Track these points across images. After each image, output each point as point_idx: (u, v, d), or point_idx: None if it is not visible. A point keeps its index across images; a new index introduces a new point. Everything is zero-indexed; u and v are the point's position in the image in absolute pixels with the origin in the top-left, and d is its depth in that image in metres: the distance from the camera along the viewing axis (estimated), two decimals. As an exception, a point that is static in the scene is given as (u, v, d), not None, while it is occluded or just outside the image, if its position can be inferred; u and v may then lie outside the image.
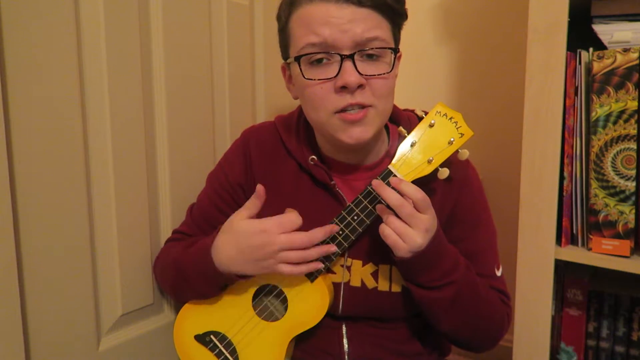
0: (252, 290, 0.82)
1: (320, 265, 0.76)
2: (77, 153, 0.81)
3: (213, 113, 1.06)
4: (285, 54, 0.79)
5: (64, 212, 0.80)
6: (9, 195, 0.71)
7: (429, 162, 0.73)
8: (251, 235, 0.74)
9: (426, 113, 0.75)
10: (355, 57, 0.71)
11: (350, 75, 0.70)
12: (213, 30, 1.04)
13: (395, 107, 0.86)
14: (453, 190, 0.82)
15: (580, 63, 0.85)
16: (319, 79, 0.72)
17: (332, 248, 0.75)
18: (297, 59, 0.74)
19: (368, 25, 0.71)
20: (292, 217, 0.74)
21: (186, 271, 0.82)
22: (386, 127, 0.86)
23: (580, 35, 0.88)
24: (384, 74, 0.73)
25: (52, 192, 0.78)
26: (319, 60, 0.72)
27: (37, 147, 0.75)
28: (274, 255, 0.73)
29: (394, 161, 0.74)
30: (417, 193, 0.70)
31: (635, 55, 0.81)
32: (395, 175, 0.73)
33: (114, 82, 0.85)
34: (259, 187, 0.76)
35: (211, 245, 0.78)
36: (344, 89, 0.71)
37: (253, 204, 0.76)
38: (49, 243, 0.78)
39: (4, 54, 0.70)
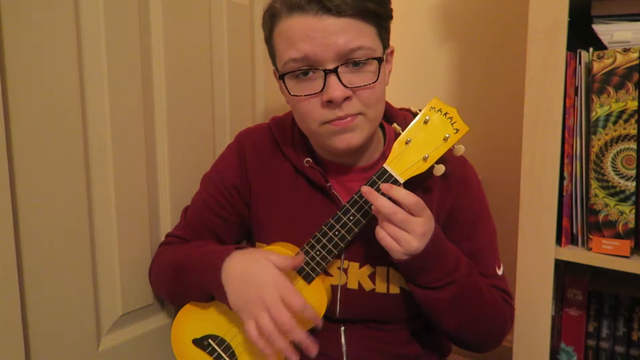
0: None
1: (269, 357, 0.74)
2: (77, 153, 0.81)
3: (213, 113, 1.06)
4: (274, 64, 0.79)
5: (64, 212, 0.80)
6: (9, 195, 0.71)
7: (425, 159, 0.72)
8: (261, 275, 0.73)
9: (421, 110, 0.74)
10: (339, 69, 0.70)
11: (335, 90, 0.69)
12: (213, 30, 1.04)
13: (390, 106, 0.86)
14: (451, 189, 0.81)
15: (580, 63, 0.85)
16: (305, 95, 0.72)
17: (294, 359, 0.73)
18: (282, 77, 0.74)
19: (351, 35, 0.69)
20: (299, 299, 0.72)
21: (187, 267, 0.81)
22: (382, 127, 0.85)
23: (580, 35, 0.88)
24: (369, 83, 0.72)
25: (52, 192, 0.78)
26: (305, 73, 0.72)
27: (37, 146, 0.75)
28: (255, 305, 0.72)
29: (388, 160, 0.73)
30: (410, 198, 0.69)
31: (635, 55, 0.81)
32: (390, 174, 0.73)
33: (114, 82, 0.85)
34: (300, 255, 0.77)
35: (229, 254, 0.77)
36: (330, 103, 0.71)
37: (286, 261, 0.75)
38: (49, 243, 0.78)
39: (4, 53, 0.70)
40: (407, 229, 0.68)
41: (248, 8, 1.13)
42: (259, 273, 0.74)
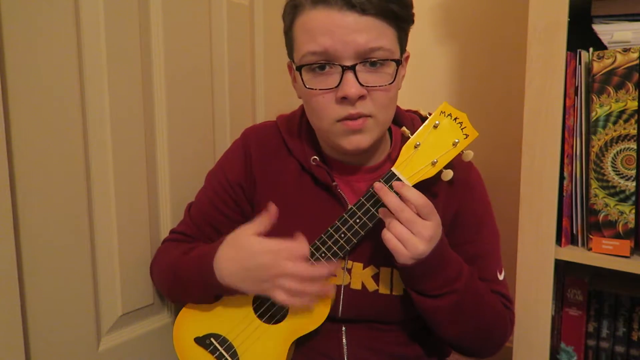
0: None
1: (312, 305, 0.74)
2: (77, 153, 0.81)
3: (213, 113, 1.06)
4: (290, 55, 0.79)
5: (64, 212, 0.80)
6: (9, 195, 0.70)
7: (433, 164, 0.72)
8: (257, 254, 0.73)
9: (430, 113, 0.74)
10: (357, 67, 0.70)
11: (351, 87, 0.69)
12: (213, 30, 1.04)
13: (398, 108, 0.86)
14: (456, 193, 0.81)
15: (580, 63, 0.85)
16: (320, 89, 0.72)
17: (331, 291, 0.73)
18: (299, 68, 0.74)
19: (372, 34, 0.69)
20: (302, 246, 0.72)
21: (184, 278, 0.81)
22: (389, 128, 0.85)
23: (580, 35, 0.88)
24: (385, 85, 0.72)
25: (52, 192, 0.78)
26: (322, 67, 0.72)
27: (37, 146, 0.75)
28: (274, 278, 0.72)
29: (397, 163, 0.73)
30: (420, 199, 0.68)
31: (635, 55, 0.81)
32: (398, 178, 0.72)
33: (114, 82, 0.85)
34: (272, 206, 0.74)
35: (214, 256, 0.77)
36: (344, 99, 0.71)
37: (263, 221, 0.74)
38: (49, 243, 0.78)
39: (4, 54, 0.70)
40: (413, 230, 0.68)
41: (248, 8, 1.13)
42: (252, 254, 0.73)
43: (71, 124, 0.79)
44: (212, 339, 0.83)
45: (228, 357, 0.82)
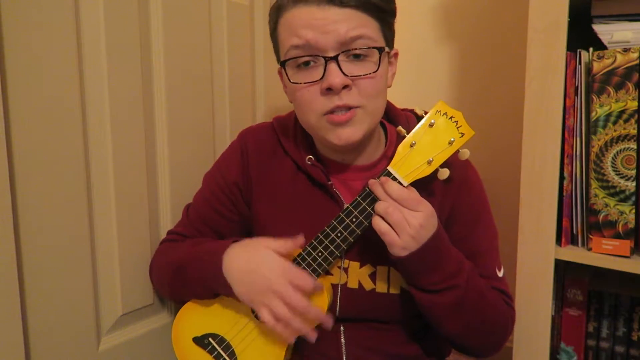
0: None
1: (291, 341, 0.75)
2: (77, 153, 0.81)
3: (213, 113, 1.06)
4: (277, 58, 0.80)
5: (64, 212, 0.80)
6: (9, 195, 0.71)
7: (429, 162, 0.72)
8: (266, 264, 0.74)
9: (426, 112, 0.74)
10: (340, 57, 0.71)
11: (334, 76, 0.70)
12: (213, 30, 1.04)
13: (393, 106, 0.86)
14: (452, 191, 0.81)
15: (580, 63, 0.85)
16: (305, 82, 0.73)
17: (313, 338, 0.73)
18: (283, 63, 0.74)
19: (352, 24, 0.70)
20: (308, 279, 0.73)
21: (190, 268, 0.81)
22: (384, 126, 0.85)
23: (580, 35, 0.88)
24: (370, 73, 0.72)
25: (52, 192, 0.78)
26: (306, 64, 0.73)
27: (37, 147, 0.75)
28: (266, 294, 0.73)
29: (393, 162, 0.73)
30: (401, 192, 0.70)
31: (635, 55, 0.81)
32: (394, 177, 0.73)
33: (114, 82, 0.85)
34: (300, 237, 0.75)
35: (226, 248, 0.78)
36: (329, 90, 0.71)
37: (287, 244, 0.75)
38: (49, 243, 0.78)
39: (4, 54, 0.70)
40: (403, 218, 0.69)
41: (248, 8, 1.13)
42: (263, 263, 0.74)
43: (71, 124, 0.79)
44: (210, 339, 0.83)
45: (226, 357, 0.82)
